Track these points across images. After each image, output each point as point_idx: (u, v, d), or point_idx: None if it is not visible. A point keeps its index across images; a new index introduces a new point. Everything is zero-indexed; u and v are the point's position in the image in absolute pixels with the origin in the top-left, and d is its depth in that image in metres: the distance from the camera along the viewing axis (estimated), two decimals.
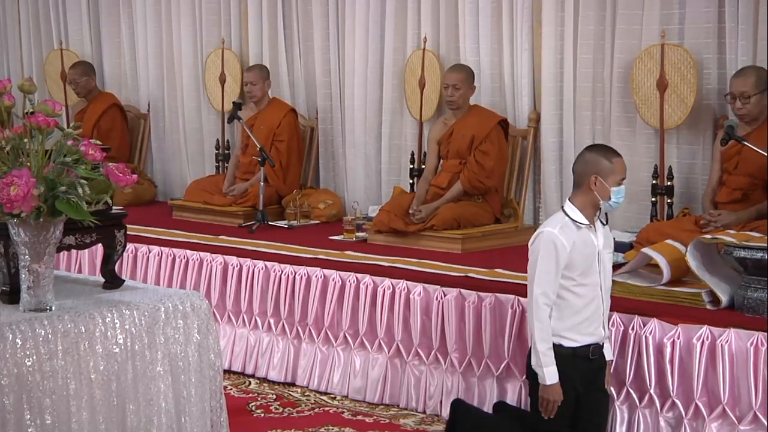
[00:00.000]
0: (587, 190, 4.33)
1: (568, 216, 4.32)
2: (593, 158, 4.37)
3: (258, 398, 5.39)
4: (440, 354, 5.13)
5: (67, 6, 8.55)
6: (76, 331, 3.22)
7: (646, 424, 4.47)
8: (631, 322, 4.52)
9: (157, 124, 8.17)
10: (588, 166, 4.35)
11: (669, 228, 5.34)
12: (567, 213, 4.33)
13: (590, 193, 4.33)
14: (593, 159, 4.37)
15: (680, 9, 5.75)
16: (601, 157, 4.37)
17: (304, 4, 7.27)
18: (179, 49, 7.93)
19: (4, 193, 2.99)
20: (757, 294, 4.42)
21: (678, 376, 4.37)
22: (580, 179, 4.37)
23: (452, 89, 6.20)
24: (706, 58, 5.69)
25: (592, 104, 6.15)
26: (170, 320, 3.45)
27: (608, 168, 4.32)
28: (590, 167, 4.34)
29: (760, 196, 5.25)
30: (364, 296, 5.35)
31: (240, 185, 7.12)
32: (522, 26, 6.32)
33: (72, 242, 3.51)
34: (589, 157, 4.40)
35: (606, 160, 4.34)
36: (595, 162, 4.34)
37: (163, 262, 6.16)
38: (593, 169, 4.32)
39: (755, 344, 4.20)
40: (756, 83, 5.22)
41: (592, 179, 4.31)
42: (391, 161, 6.98)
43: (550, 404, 4.27)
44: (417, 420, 5.06)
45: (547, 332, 4.26)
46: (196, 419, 3.50)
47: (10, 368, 3.06)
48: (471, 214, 6.08)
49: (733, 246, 4.49)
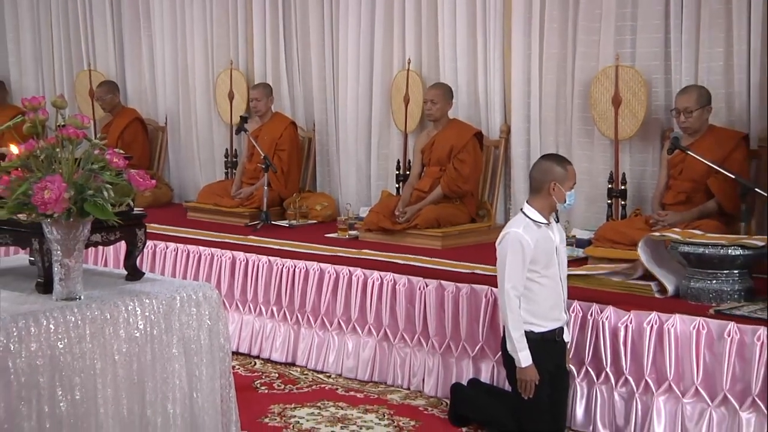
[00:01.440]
0: (546, 194, 4.35)
1: (529, 217, 4.34)
2: (550, 167, 4.39)
3: (262, 376, 5.39)
4: (422, 337, 5.13)
5: (94, 32, 8.52)
6: (102, 318, 3.22)
7: (602, 398, 4.48)
8: (589, 309, 4.53)
9: (174, 135, 8.15)
10: (546, 174, 4.36)
11: (623, 227, 5.35)
12: (527, 215, 4.35)
13: (549, 197, 4.35)
14: (550, 168, 4.38)
15: (632, 35, 5.76)
16: (557, 166, 4.39)
17: (303, 30, 7.26)
18: (193, 69, 7.92)
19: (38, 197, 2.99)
20: (699, 284, 4.44)
21: (630, 356, 4.38)
22: (539, 185, 4.38)
23: (430, 103, 6.20)
24: (655, 78, 5.69)
25: (555, 118, 6.15)
26: (185, 308, 3.45)
27: (563, 175, 4.36)
28: (548, 175, 4.35)
29: (702, 198, 5.26)
30: (356, 287, 5.36)
31: (246, 189, 7.11)
32: (494, 50, 6.32)
33: (98, 239, 3.50)
34: (546, 166, 4.41)
35: (562, 169, 4.37)
36: (553, 170, 4.36)
37: (179, 257, 6.15)
38: (551, 177, 4.34)
39: (697, 328, 4.21)
40: (698, 99, 5.23)
41: (551, 185, 4.33)
42: (379, 168, 6.97)
43: (528, 384, 4.28)
44: (402, 395, 5.07)
45: (519, 321, 4.28)
46: (207, 395, 3.49)
47: (45, 350, 3.07)
48: (450, 214, 6.08)
49: (678, 242, 4.51)
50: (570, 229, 5.60)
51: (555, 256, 4.37)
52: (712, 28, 5.43)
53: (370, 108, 6.97)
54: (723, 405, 4.17)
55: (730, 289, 4.40)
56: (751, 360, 4.07)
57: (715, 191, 5.18)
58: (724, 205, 5.15)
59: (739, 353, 4.11)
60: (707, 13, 5.44)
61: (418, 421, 4.67)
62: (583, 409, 4.52)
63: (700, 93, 5.25)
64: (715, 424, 4.16)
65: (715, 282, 4.41)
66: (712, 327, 4.20)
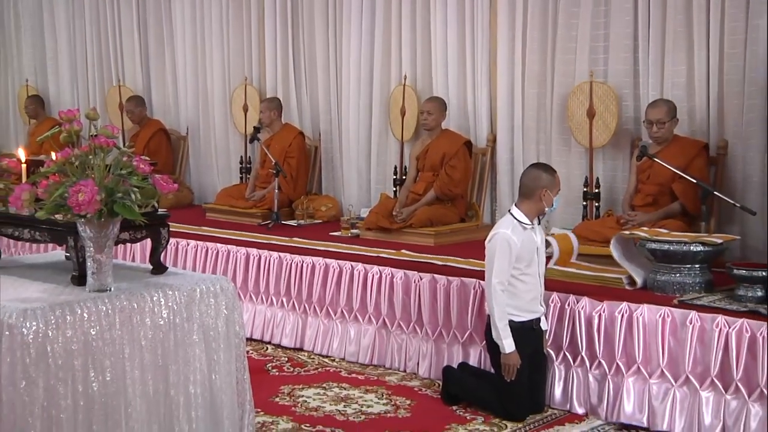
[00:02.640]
0: (537, 200, 4.34)
1: (516, 219, 4.34)
2: (540, 175, 4.38)
3: (273, 360, 5.39)
4: (417, 325, 5.14)
5: (123, 52, 8.53)
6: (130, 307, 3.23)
7: (578, 380, 4.48)
8: (567, 299, 4.53)
9: (194, 144, 8.15)
10: (537, 181, 4.36)
11: (596, 226, 5.36)
12: (515, 217, 4.34)
13: (539, 202, 4.34)
14: (540, 176, 4.37)
15: (604, 54, 5.76)
16: (546, 174, 4.38)
17: (310, 50, 7.27)
18: (211, 85, 7.92)
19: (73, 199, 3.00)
20: (664, 277, 4.44)
21: (603, 342, 4.39)
22: (529, 191, 4.36)
23: (426, 114, 6.22)
24: (625, 92, 5.70)
25: (536, 128, 6.15)
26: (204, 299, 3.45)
27: (552, 182, 4.36)
28: (539, 182, 4.35)
29: (667, 200, 5.27)
30: (357, 280, 5.36)
31: (259, 192, 7.11)
32: (481, 67, 6.33)
33: (127, 237, 3.50)
34: (537, 174, 4.40)
35: (550, 176, 4.37)
36: (542, 178, 4.36)
37: (198, 253, 6.15)
38: (542, 184, 4.34)
39: (662, 316, 4.22)
40: (668, 112, 5.24)
41: (542, 192, 4.33)
42: (378, 173, 6.97)
43: (510, 368, 4.29)
44: (399, 377, 5.07)
45: (504, 312, 4.28)
46: (224, 377, 3.50)
47: (79, 336, 3.07)
48: (442, 215, 6.08)
49: (645, 240, 4.52)
50: (550, 228, 5.60)
51: (536, 256, 4.38)
52: (675, 48, 5.44)
53: (370, 119, 6.97)
54: (685, 385, 4.18)
55: (692, 282, 4.40)
56: (710, 345, 4.08)
57: (679, 194, 5.18)
58: (687, 206, 5.16)
59: (700, 339, 4.13)
60: (671, 36, 5.45)
61: (413, 400, 4.67)
62: (561, 390, 4.52)
63: (669, 106, 5.26)
64: (678, 402, 4.17)
65: (679, 275, 4.41)
66: (676, 315, 4.21)
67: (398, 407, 4.56)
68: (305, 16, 7.24)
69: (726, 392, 4.05)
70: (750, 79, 5.14)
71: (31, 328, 2.97)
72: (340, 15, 7.02)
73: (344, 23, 6.98)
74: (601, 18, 5.75)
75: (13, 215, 3.54)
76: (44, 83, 9.23)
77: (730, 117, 5.29)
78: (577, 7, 5.82)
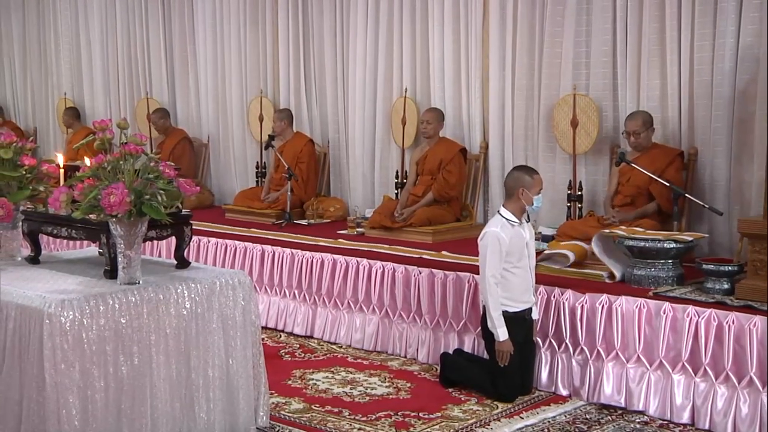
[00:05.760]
0: (516, 199, 4.35)
1: (504, 218, 4.34)
2: (520, 176, 4.38)
3: (286, 347, 5.40)
4: (417, 315, 5.14)
5: (151, 67, 8.54)
6: (157, 299, 3.25)
7: (563, 364, 4.49)
8: (552, 291, 4.54)
9: (214, 150, 8.16)
10: (516, 182, 4.36)
11: (579, 225, 5.35)
12: (503, 215, 4.35)
13: (519, 201, 4.34)
14: (520, 177, 4.37)
15: (586, 69, 5.76)
16: (525, 175, 4.38)
17: (320, 64, 7.27)
18: (230, 97, 7.92)
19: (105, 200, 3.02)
20: (641, 271, 4.45)
21: (585, 330, 4.39)
22: (510, 191, 4.37)
23: (426, 123, 6.21)
24: (605, 104, 5.69)
25: (525, 136, 6.15)
26: (223, 291, 3.47)
27: (530, 183, 4.35)
28: (518, 182, 4.35)
29: (644, 201, 5.26)
30: (362, 274, 5.36)
31: (273, 194, 7.11)
32: (475, 81, 6.32)
33: (153, 235, 3.53)
34: (516, 175, 4.40)
35: (529, 177, 4.36)
36: (522, 179, 4.36)
37: (218, 249, 6.16)
38: (520, 184, 4.34)
39: (639, 307, 4.23)
40: (643, 123, 5.23)
41: (520, 191, 4.33)
42: (381, 177, 6.97)
43: (504, 354, 4.29)
44: (400, 362, 5.07)
45: (497, 303, 4.28)
46: (241, 362, 3.52)
47: (110, 324, 3.09)
48: (439, 215, 6.08)
49: (624, 237, 4.52)
50: (537, 227, 5.60)
51: (526, 250, 4.37)
52: (650, 64, 5.44)
53: (374, 128, 6.96)
54: (659, 369, 4.18)
55: (665, 276, 4.41)
56: (681, 332, 4.09)
57: (656, 195, 5.18)
58: (663, 206, 5.16)
59: (672, 327, 4.13)
60: (646, 53, 5.45)
61: (413, 383, 4.68)
62: (547, 373, 4.53)
63: (644, 118, 5.25)
64: (652, 384, 4.18)
65: (653, 270, 4.42)
66: (651, 306, 4.21)
67: (399, 389, 4.57)
68: (315, 34, 7.24)
69: (695, 375, 4.06)
70: (716, 93, 5.16)
71: (68, 316, 2.99)
72: (347, 33, 7.02)
73: (350, 41, 6.99)
74: (582, 37, 5.75)
75: (53, 215, 3.56)
76: (80, 96, 9.25)
77: (699, 126, 5.29)
78: (561, 26, 5.82)
